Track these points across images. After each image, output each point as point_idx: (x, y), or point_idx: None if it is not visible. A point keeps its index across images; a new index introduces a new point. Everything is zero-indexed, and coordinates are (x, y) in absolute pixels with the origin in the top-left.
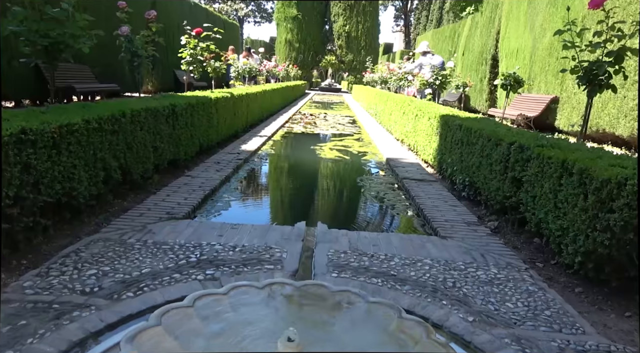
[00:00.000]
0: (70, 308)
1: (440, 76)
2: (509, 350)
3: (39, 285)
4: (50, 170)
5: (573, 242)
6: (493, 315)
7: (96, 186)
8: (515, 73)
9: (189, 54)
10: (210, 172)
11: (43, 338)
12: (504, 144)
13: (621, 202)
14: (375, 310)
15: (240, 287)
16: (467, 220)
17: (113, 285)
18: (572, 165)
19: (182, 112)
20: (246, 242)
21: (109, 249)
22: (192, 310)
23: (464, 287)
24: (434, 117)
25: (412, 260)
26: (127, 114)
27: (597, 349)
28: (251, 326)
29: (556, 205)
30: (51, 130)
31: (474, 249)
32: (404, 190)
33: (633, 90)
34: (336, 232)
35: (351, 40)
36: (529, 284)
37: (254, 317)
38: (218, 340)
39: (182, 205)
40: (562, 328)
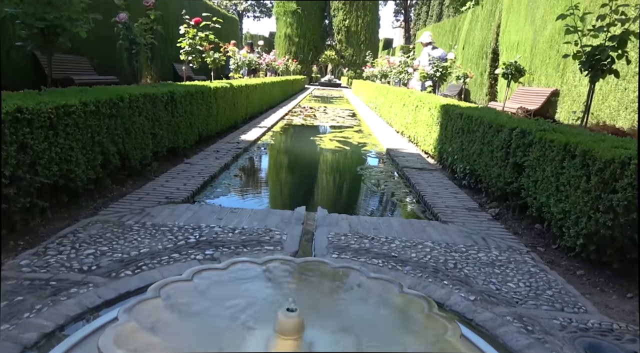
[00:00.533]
0: (67, 286)
1: (440, 68)
2: (511, 327)
3: (36, 263)
4: (47, 151)
5: (575, 225)
6: (494, 295)
7: (94, 170)
8: (516, 62)
9: (187, 43)
10: (210, 160)
11: (40, 313)
12: (506, 130)
13: (624, 181)
14: (376, 284)
15: (239, 262)
16: (468, 207)
17: (111, 264)
18: (574, 148)
19: (181, 100)
20: (246, 225)
21: (107, 230)
22: (190, 283)
23: (465, 268)
24: (435, 107)
25: (412, 243)
26: (125, 99)
27: (599, 327)
28: (251, 298)
29: (558, 189)
30: (48, 111)
31: (475, 233)
32: (404, 178)
33: (634, 82)
34: (336, 216)
35: (351, 34)
36: (531, 266)
37: (254, 290)
38: (217, 313)
39: (181, 190)
40: (564, 307)
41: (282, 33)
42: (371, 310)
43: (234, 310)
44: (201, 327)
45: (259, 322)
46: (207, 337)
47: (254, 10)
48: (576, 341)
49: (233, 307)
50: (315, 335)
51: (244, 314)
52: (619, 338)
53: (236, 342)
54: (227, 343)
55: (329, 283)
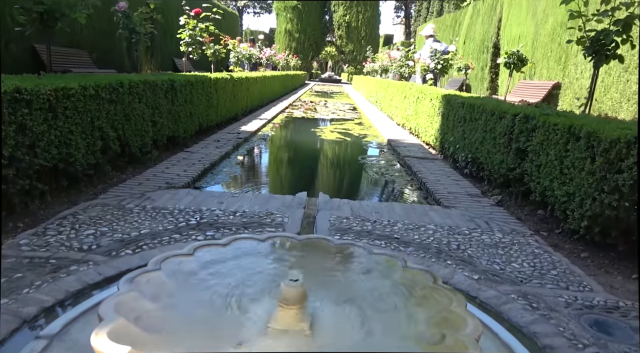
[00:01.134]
0: (67, 264)
1: (441, 60)
2: (516, 304)
3: (36, 243)
4: (46, 133)
5: (579, 207)
6: (498, 274)
7: (94, 155)
8: (518, 51)
9: (187, 35)
10: (210, 149)
11: (39, 289)
12: (509, 116)
13: (630, 161)
14: (379, 260)
15: (241, 239)
16: (470, 193)
17: (111, 244)
18: (579, 130)
19: (181, 89)
20: (247, 208)
21: (107, 213)
22: (192, 258)
23: (468, 249)
24: (436, 98)
25: (415, 226)
26: (125, 84)
27: (605, 305)
28: (253, 272)
29: (562, 172)
30: (47, 93)
31: (478, 217)
32: (405, 167)
33: (636, 73)
34: (338, 201)
35: (351, 30)
36: (535, 248)
37: (256, 264)
38: (218, 284)
39: (181, 176)
40: (569, 286)
41: (282, 29)
42: (375, 283)
43: (235, 283)
44: (203, 298)
45: (261, 293)
46: (209, 307)
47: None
48: (582, 318)
49: (235, 279)
50: (318, 306)
51: (245, 286)
52: (625, 316)
53: (238, 312)
54: (229, 313)
55: (332, 258)
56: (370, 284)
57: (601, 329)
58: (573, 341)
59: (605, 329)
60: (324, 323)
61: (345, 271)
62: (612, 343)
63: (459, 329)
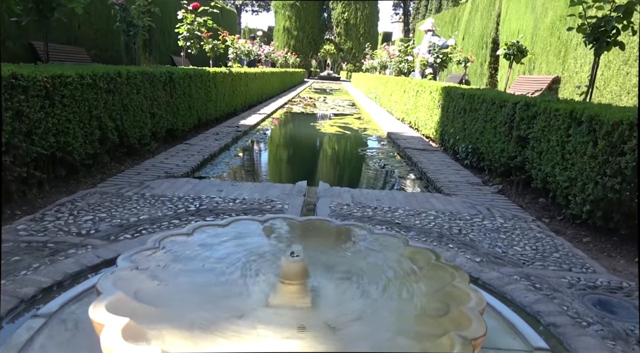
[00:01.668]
0: (65, 247)
1: (441, 54)
2: (519, 285)
3: (33, 228)
4: (43, 120)
5: (581, 192)
6: (501, 257)
7: (92, 145)
8: (518, 42)
9: (186, 29)
10: (209, 141)
11: (37, 271)
12: (509, 104)
13: (633, 143)
14: (381, 239)
15: (241, 220)
16: (471, 182)
17: (110, 229)
18: (580, 114)
19: (180, 81)
20: (246, 196)
21: (105, 200)
22: (191, 237)
23: (470, 234)
24: (436, 90)
25: (416, 212)
26: (123, 75)
27: (608, 285)
28: (253, 250)
29: (564, 157)
30: (43, 80)
31: (479, 204)
32: (405, 158)
33: (636, 66)
34: (338, 189)
35: (350, 27)
36: (537, 232)
37: (256, 243)
38: (218, 262)
39: (180, 167)
40: (572, 267)
41: (280, 26)
42: (377, 260)
43: (235, 260)
44: (202, 275)
45: (261, 270)
46: (208, 283)
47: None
48: (585, 297)
49: (235, 257)
50: (319, 281)
51: (246, 263)
52: (628, 295)
53: (238, 288)
54: (229, 288)
55: (333, 238)
56: (372, 261)
57: (605, 308)
58: (577, 319)
59: (609, 308)
60: (325, 298)
61: (346, 249)
62: (616, 322)
63: (463, 303)
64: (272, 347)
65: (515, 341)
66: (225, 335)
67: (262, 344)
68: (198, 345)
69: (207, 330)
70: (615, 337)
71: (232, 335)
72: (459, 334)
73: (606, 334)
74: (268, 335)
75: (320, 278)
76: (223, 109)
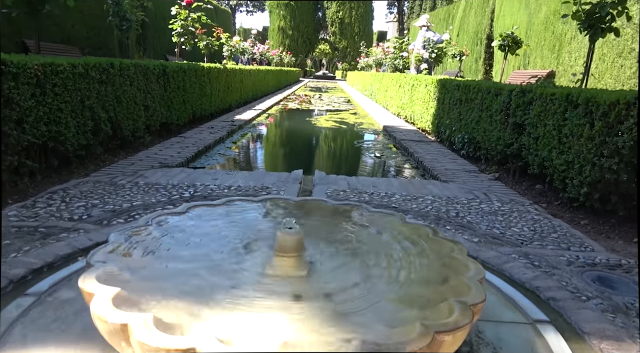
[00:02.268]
0: (57, 232)
1: (436, 49)
2: (517, 263)
3: (24, 214)
4: (34, 109)
5: (579, 174)
6: (499, 237)
7: (84, 136)
8: (512, 33)
9: (180, 25)
10: (204, 134)
11: (28, 253)
12: (505, 92)
13: (630, 122)
14: (379, 216)
15: (235, 200)
16: (468, 169)
17: (102, 214)
18: (577, 97)
19: (174, 75)
20: (241, 183)
21: (98, 188)
22: (184, 215)
23: (467, 216)
24: (431, 83)
25: (413, 196)
26: (116, 66)
27: (607, 263)
28: (248, 227)
29: (560, 141)
30: (34, 67)
31: (476, 190)
32: (402, 149)
33: (630, 58)
34: (334, 176)
35: (344, 26)
36: (534, 214)
37: (252, 221)
38: (212, 238)
39: (175, 157)
40: (570, 247)
41: (275, 26)
42: (374, 235)
43: (231, 237)
44: (196, 249)
45: (256, 244)
46: (201, 258)
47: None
48: (584, 274)
49: (229, 233)
50: (316, 254)
51: (240, 239)
52: (627, 272)
53: (232, 261)
54: (222, 263)
55: (330, 216)
56: (370, 236)
57: (604, 284)
58: (576, 294)
59: (609, 284)
60: (322, 270)
61: (343, 226)
62: (615, 296)
63: (462, 273)
64: (267, 314)
65: (515, 314)
66: (220, 304)
67: (256, 312)
68: (191, 313)
69: (200, 299)
70: (615, 310)
71: (226, 303)
72: (457, 300)
73: (606, 307)
74: (263, 304)
75: (316, 251)
76: (218, 105)
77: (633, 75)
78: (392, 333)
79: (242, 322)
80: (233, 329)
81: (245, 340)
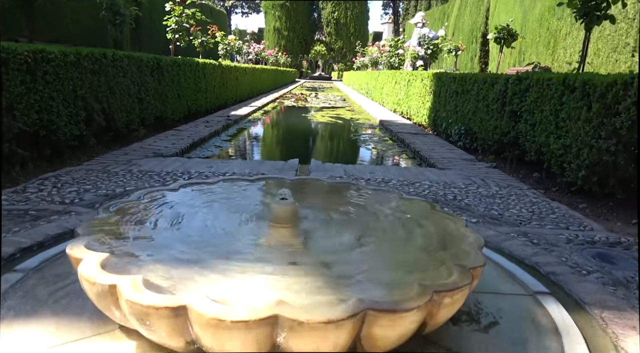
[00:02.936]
0: (47, 214)
1: (431, 45)
2: (516, 241)
3: (15, 198)
4: (25, 96)
5: (576, 157)
6: (497, 218)
7: (77, 126)
8: (508, 25)
9: (174, 21)
10: (199, 128)
11: (17, 234)
12: (501, 81)
13: (628, 102)
14: (376, 193)
15: (230, 179)
16: (465, 158)
17: (95, 198)
18: (574, 81)
19: (168, 68)
20: (237, 171)
21: (91, 175)
22: (177, 192)
23: (465, 200)
24: (427, 77)
25: (410, 182)
26: (108, 56)
27: (607, 240)
28: (242, 203)
29: (557, 126)
30: (24, 53)
31: (474, 176)
32: (398, 141)
33: (625, 53)
34: (331, 165)
35: (340, 27)
36: (532, 198)
37: (246, 197)
38: (206, 212)
39: (169, 148)
40: (569, 226)
41: (270, 27)
42: (373, 209)
43: (224, 210)
44: (189, 221)
45: (251, 217)
46: (195, 228)
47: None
48: (584, 251)
49: (223, 206)
50: (312, 226)
51: (234, 213)
52: (627, 249)
53: (226, 232)
54: (216, 233)
55: (326, 193)
56: (368, 209)
57: (604, 260)
58: (576, 269)
59: (609, 260)
60: (318, 239)
61: (340, 202)
62: (616, 271)
63: (461, 241)
64: (261, 280)
65: (515, 287)
66: (213, 270)
67: (250, 276)
68: (182, 277)
69: (192, 266)
70: (615, 283)
71: (219, 269)
72: (457, 263)
73: (606, 281)
74: (257, 270)
75: (313, 223)
76: (213, 101)
77: (628, 69)
78: (389, 294)
79: (236, 286)
80: (226, 291)
81: (239, 300)
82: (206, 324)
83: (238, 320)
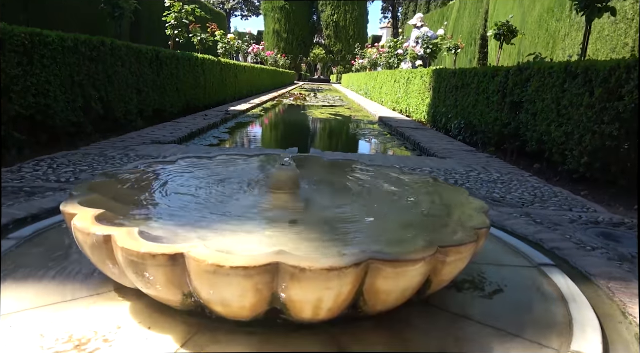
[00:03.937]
0: (42, 191)
1: (431, 45)
2: (519, 221)
3: (9, 177)
4: (21, 78)
5: (579, 144)
6: (499, 200)
7: (75, 113)
8: (508, 22)
9: (173, 17)
10: (198, 120)
11: (12, 207)
12: (502, 73)
13: (631, 85)
14: (376, 169)
15: (228, 155)
16: (465, 149)
17: (90, 178)
18: (576, 68)
19: (167, 61)
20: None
21: (87, 158)
22: (175, 164)
23: (466, 184)
24: (427, 74)
25: (411, 168)
26: (107, 44)
27: (610, 221)
28: (241, 174)
29: (559, 114)
30: (21, 36)
31: (475, 164)
32: (398, 135)
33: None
34: (330, 153)
35: (339, 29)
36: (534, 183)
37: (244, 171)
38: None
39: (167, 137)
40: (572, 208)
41: (270, 29)
42: (376, 182)
43: (222, 178)
44: (187, 188)
45: (250, 184)
46: (194, 194)
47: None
48: (588, 230)
49: (222, 176)
50: (313, 193)
51: (232, 180)
52: (631, 229)
53: (226, 196)
54: (215, 198)
55: (327, 169)
56: (370, 182)
57: (609, 238)
58: (581, 245)
59: (613, 238)
60: (320, 203)
61: (341, 175)
62: (621, 248)
63: (466, 206)
64: (262, 236)
65: (519, 259)
66: (211, 228)
67: (250, 232)
68: (177, 233)
69: (190, 222)
70: (621, 258)
71: (217, 227)
72: (462, 225)
73: (612, 256)
74: (257, 227)
75: (314, 192)
76: (212, 97)
77: None
78: (394, 248)
79: (235, 240)
80: (225, 245)
81: (238, 250)
82: (204, 271)
83: (237, 265)
